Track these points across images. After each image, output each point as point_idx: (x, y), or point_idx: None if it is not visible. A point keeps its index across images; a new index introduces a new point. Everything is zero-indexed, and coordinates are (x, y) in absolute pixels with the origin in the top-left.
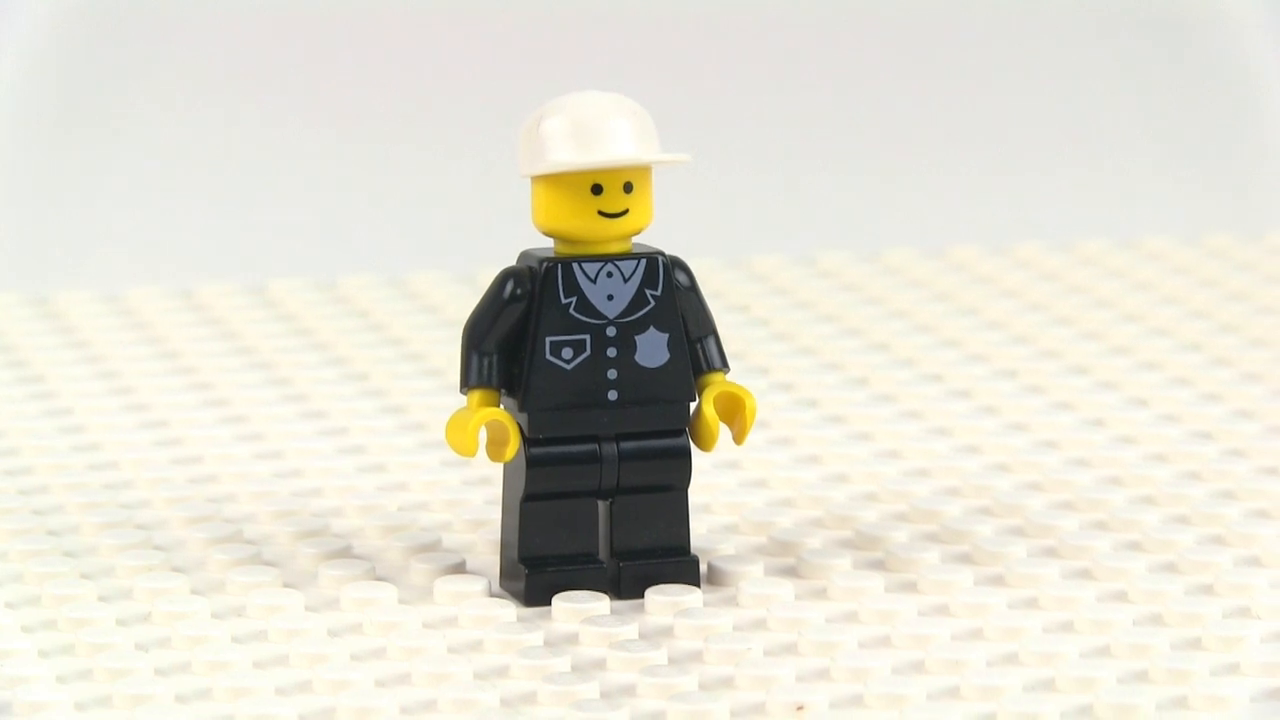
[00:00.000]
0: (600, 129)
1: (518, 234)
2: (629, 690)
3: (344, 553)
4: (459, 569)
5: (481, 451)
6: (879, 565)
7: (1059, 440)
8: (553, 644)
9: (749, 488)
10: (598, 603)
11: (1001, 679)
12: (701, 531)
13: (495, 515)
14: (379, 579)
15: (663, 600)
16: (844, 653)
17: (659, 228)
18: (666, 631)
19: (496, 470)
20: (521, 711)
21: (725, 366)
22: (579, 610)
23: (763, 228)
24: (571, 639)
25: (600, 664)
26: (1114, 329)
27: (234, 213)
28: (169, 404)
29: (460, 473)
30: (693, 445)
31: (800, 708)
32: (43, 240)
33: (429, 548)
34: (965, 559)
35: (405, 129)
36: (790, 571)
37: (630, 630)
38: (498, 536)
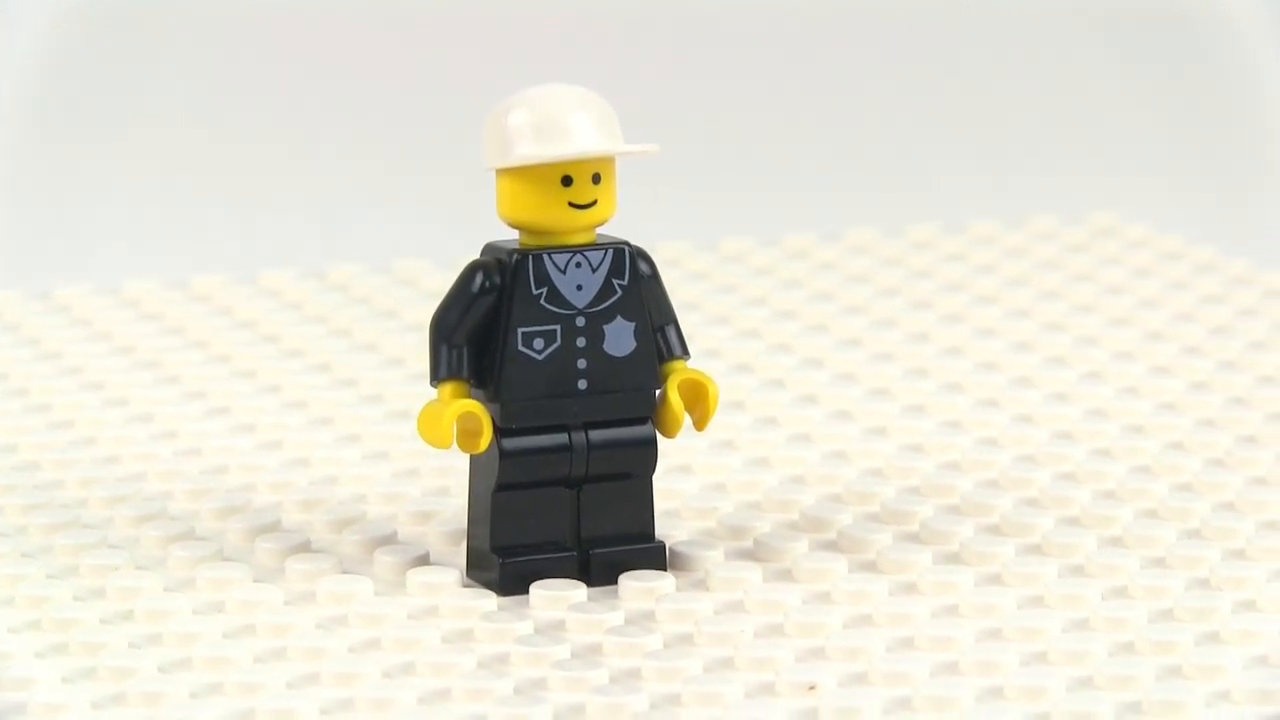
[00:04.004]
0: (566, 121)
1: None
2: (635, 674)
3: (304, 547)
4: (424, 560)
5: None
6: (834, 546)
7: (961, 420)
8: (544, 631)
9: (677, 474)
10: (575, 590)
11: (996, 655)
12: None
13: (438, 507)
14: (348, 573)
15: (637, 586)
16: (833, 633)
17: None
18: (649, 616)
19: (425, 462)
20: (543, 699)
21: (686, 354)
22: (558, 598)
23: None
24: (558, 626)
25: (597, 649)
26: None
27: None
28: (70, 404)
29: (388, 466)
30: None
31: (812, 687)
32: None
33: (387, 540)
34: (916, 539)
35: (327, 125)
36: (750, 555)
37: (617, 616)
38: (448, 528)
